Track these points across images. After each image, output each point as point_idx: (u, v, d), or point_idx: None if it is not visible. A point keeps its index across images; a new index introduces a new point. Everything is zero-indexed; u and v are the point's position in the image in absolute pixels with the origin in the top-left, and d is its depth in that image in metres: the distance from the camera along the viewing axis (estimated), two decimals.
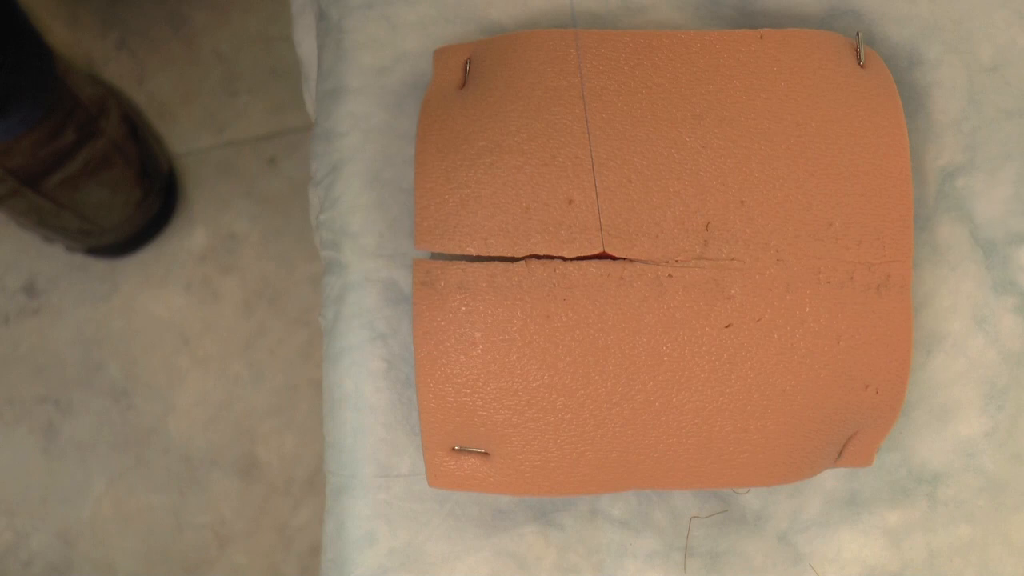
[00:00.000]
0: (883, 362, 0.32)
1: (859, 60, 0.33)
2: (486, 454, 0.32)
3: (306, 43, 0.40)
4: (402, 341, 0.35)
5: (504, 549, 0.35)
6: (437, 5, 0.36)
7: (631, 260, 0.31)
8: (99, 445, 0.73)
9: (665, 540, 0.35)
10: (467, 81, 0.33)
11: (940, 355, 0.35)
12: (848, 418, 0.32)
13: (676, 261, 0.31)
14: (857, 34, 0.33)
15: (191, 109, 0.76)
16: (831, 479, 0.35)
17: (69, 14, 0.76)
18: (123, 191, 0.68)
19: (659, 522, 0.35)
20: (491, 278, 0.31)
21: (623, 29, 0.34)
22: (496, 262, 0.31)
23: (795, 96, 0.32)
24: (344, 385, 0.35)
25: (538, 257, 0.31)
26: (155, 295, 0.74)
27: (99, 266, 0.74)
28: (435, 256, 0.33)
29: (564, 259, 0.31)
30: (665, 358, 0.31)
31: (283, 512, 0.73)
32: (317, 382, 0.73)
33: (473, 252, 0.31)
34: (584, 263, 0.31)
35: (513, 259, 0.31)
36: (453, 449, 0.32)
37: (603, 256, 0.31)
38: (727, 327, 0.31)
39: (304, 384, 0.74)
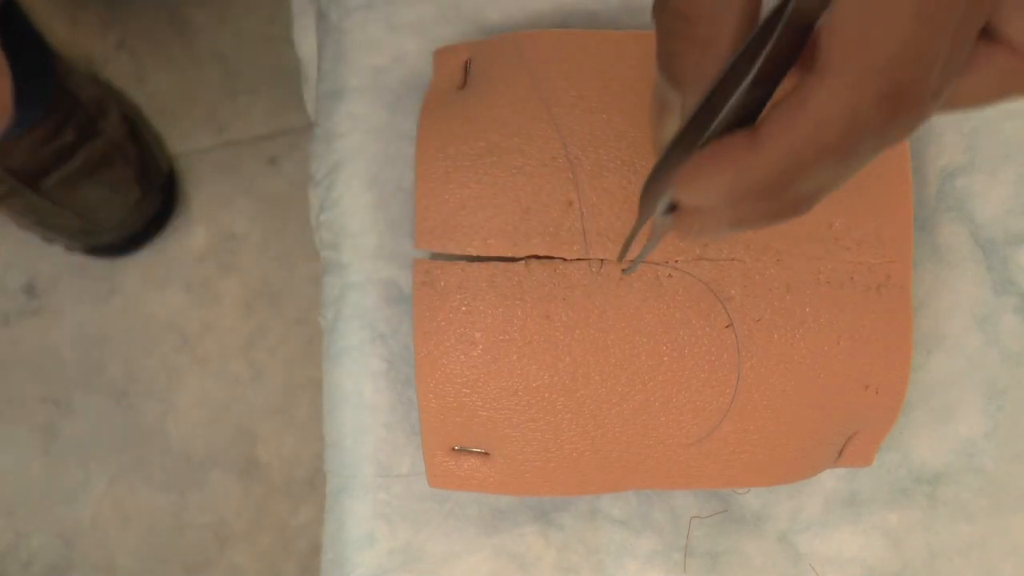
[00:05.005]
0: (883, 362, 0.32)
1: None
2: (486, 454, 0.32)
3: (306, 43, 0.40)
4: (402, 341, 0.35)
5: (504, 549, 0.35)
6: (437, 5, 0.36)
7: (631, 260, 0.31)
8: (99, 445, 0.73)
9: (665, 540, 0.35)
10: (467, 81, 0.33)
11: (940, 355, 0.35)
12: (848, 418, 0.32)
13: (676, 261, 0.31)
14: None
15: (191, 109, 0.76)
16: (831, 479, 0.35)
17: (69, 14, 0.76)
18: (122, 191, 0.68)
19: (659, 522, 0.35)
20: (491, 278, 0.31)
21: (623, 30, 0.34)
22: (496, 262, 0.31)
23: None
24: (344, 385, 0.35)
25: (538, 257, 0.31)
26: (155, 295, 0.74)
27: (99, 266, 0.74)
28: (435, 256, 0.33)
29: (564, 259, 0.31)
30: (665, 358, 0.31)
31: (283, 512, 0.73)
32: (317, 382, 0.73)
33: (473, 252, 0.31)
34: (584, 263, 0.31)
35: (513, 259, 0.31)
36: (453, 449, 0.32)
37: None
38: (727, 327, 0.31)
39: (304, 384, 0.74)
